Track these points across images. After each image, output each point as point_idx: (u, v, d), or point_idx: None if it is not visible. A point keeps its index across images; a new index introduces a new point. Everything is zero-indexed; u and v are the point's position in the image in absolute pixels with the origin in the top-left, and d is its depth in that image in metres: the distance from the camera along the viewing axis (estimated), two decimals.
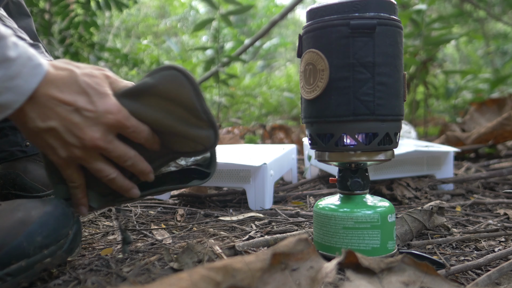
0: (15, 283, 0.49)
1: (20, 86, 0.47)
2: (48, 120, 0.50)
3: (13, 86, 0.46)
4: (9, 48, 0.46)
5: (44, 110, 0.49)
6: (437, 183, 1.10)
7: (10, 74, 0.46)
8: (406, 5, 2.49)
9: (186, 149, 0.56)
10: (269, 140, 2.23)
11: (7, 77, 0.46)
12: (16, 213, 0.52)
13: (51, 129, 0.50)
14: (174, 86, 0.52)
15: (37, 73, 0.48)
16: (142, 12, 5.44)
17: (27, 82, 0.47)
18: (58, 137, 0.51)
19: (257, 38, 3.06)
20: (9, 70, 0.46)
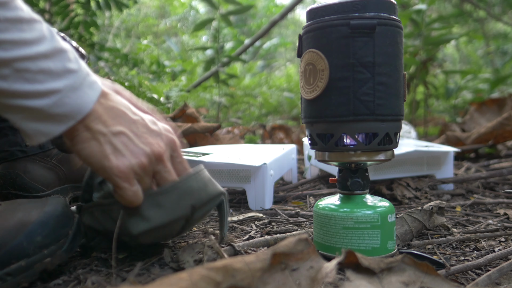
0: (15, 283, 0.49)
1: (82, 98, 0.47)
2: (116, 125, 0.50)
3: (75, 97, 0.47)
4: (71, 61, 0.47)
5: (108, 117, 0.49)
6: (437, 183, 1.10)
7: (72, 85, 0.47)
8: (406, 5, 2.49)
9: None
10: (269, 140, 2.23)
11: (69, 88, 0.46)
12: (16, 213, 0.52)
13: (121, 132, 0.50)
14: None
15: (95, 88, 0.49)
16: (142, 12, 5.44)
17: (88, 94, 0.48)
18: (127, 141, 0.50)
19: (257, 38, 3.06)
20: (72, 81, 0.47)
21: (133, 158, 0.50)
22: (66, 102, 0.46)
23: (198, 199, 0.55)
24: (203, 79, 2.86)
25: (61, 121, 0.47)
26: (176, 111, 1.77)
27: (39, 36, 0.45)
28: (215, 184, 0.60)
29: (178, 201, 0.54)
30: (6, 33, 0.43)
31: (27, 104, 0.45)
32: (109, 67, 3.01)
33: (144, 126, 0.52)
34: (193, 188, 0.55)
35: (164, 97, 2.14)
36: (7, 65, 0.43)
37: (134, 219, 0.53)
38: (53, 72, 0.45)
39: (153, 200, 0.53)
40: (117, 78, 2.07)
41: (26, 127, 0.46)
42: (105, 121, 0.49)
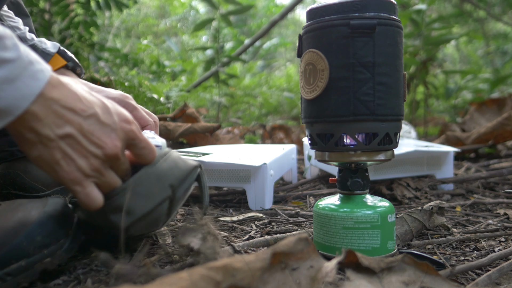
0: (15, 283, 0.49)
1: (20, 90, 0.42)
2: (63, 127, 0.45)
3: (11, 89, 0.42)
4: (7, 49, 0.42)
5: (55, 117, 0.45)
6: (437, 183, 1.10)
7: (8, 76, 0.42)
8: (406, 5, 2.49)
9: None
10: (269, 140, 2.23)
11: (3, 80, 0.42)
12: (16, 213, 0.52)
13: (68, 135, 0.46)
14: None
15: (39, 78, 0.44)
16: (142, 12, 5.44)
17: (28, 86, 0.43)
18: (76, 144, 0.46)
19: (257, 38, 3.06)
20: (6, 72, 0.42)
21: (83, 162, 0.47)
22: (3, 95, 0.42)
23: (174, 178, 0.56)
24: (203, 79, 2.86)
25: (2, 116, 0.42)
26: (176, 111, 1.77)
27: None
28: (187, 161, 0.60)
29: (156, 186, 0.54)
30: None
31: None
32: (109, 67, 3.01)
33: (96, 121, 0.48)
34: (166, 170, 0.56)
35: (164, 97, 2.14)
36: None
37: (119, 214, 0.53)
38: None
39: (130, 192, 0.53)
40: (117, 78, 2.07)
41: None
42: (51, 123, 0.45)
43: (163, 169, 0.56)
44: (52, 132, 0.45)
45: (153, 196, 0.54)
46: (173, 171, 0.57)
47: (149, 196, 0.54)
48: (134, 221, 0.53)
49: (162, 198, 0.55)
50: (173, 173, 0.56)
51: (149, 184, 0.54)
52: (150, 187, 0.54)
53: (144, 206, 0.53)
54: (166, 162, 0.57)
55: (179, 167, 0.58)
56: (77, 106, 0.46)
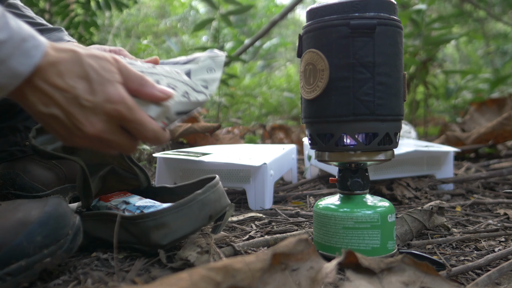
0: (15, 283, 0.49)
1: (12, 69, 0.43)
2: (49, 107, 0.46)
3: (3, 69, 0.43)
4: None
5: (43, 96, 0.46)
6: (437, 183, 1.10)
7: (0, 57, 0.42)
8: (406, 5, 2.49)
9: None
10: (269, 140, 2.23)
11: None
12: (16, 213, 0.52)
13: (54, 116, 0.47)
14: None
15: (33, 55, 0.44)
16: (142, 12, 5.44)
17: (21, 64, 0.43)
18: (62, 125, 0.47)
19: (257, 38, 3.06)
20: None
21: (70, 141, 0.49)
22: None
23: (214, 210, 0.60)
24: None
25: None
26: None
27: None
28: (226, 197, 0.65)
29: (200, 212, 0.59)
30: None
31: None
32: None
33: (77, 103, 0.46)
34: (211, 200, 0.60)
35: None
36: None
37: (163, 231, 0.57)
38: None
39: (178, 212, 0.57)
40: None
41: None
42: (39, 101, 0.46)
43: (210, 199, 0.60)
44: (41, 109, 0.46)
45: (196, 221, 0.58)
46: (215, 204, 0.61)
47: (193, 220, 0.58)
48: (176, 239, 0.58)
49: (201, 224, 0.59)
50: (215, 205, 0.61)
51: (196, 209, 0.58)
52: (196, 212, 0.58)
53: (186, 228, 0.58)
54: (213, 194, 0.61)
55: (221, 202, 0.62)
56: (63, 84, 0.46)
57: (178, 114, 0.55)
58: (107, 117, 0.48)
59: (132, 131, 0.50)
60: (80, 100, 0.46)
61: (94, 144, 0.50)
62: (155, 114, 0.52)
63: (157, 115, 0.53)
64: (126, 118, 0.49)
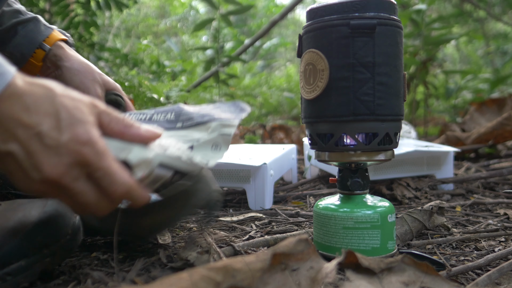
0: (15, 283, 0.49)
1: None
2: (7, 143, 0.40)
3: None
4: None
5: (2, 130, 0.40)
6: (437, 183, 1.10)
7: None
8: (406, 5, 2.49)
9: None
10: (269, 140, 2.23)
11: None
12: (16, 213, 0.52)
13: (11, 154, 0.40)
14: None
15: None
16: (142, 12, 5.44)
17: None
18: (19, 165, 0.41)
19: (257, 38, 3.06)
20: None
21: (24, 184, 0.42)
22: None
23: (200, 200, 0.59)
24: (203, 79, 2.86)
25: None
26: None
27: None
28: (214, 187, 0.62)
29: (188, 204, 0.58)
30: None
31: None
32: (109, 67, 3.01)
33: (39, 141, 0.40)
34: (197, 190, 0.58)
35: (164, 97, 2.14)
36: None
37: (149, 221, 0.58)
38: None
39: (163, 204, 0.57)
40: (117, 78, 2.07)
41: None
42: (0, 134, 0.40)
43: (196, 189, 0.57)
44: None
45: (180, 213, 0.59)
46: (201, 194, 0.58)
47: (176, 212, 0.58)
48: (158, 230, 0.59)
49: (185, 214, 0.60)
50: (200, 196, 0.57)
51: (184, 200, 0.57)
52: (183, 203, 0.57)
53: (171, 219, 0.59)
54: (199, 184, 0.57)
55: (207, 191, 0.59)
56: (26, 120, 0.40)
57: (162, 166, 0.48)
58: (71, 160, 0.41)
59: (99, 182, 0.42)
60: (44, 137, 0.40)
61: (53, 193, 0.43)
62: (136, 159, 0.45)
63: (138, 160, 0.46)
64: (92, 163, 0.42)
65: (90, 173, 0.42)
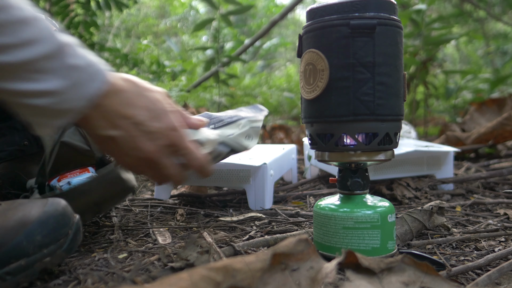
0: (14, 282, 0.49)
1: (86, 92, 0.48)
2: (109, 130, 0.51)
3: (75, 93, 0.47)
4: (75, 56, 0.47)
5: (105, 120, 0.50)
6: (437, 183, 1.10)
7: (77, 81, 0.47)
8: (406, 5, 2.49)
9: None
10: (269, 140, 2.23)
11: (73, 85, 0.47)
12: (16, 212, 0.52)
13: (112, 138, 0.52)
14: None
15: (102, 79, 0.49)
16: (142, 12, 5.44)
17: (93, 88, 0.48)
18: (118, 146, 0.52)
19: (257, 38, 3.06)
20: (76, 78, 0.47)
21: (123, 161, 0.55)
22: (69, 98, 0.47)
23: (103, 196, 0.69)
24: (203, 79, 2.86)
25: (64, 115, 0.48)
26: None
27: (38, 36, 0.45)
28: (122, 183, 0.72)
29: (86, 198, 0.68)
30: (6, 36, 0.43)
31: (32, 102, 0.46)
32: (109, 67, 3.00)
33: (140, 127, 0.52)
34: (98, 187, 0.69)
35: None
36: (12, 67, 0.44)
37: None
38: (55, 70, 0.45)
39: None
40: None
41: (34, 121, 0.48)
42: (103, 124, 0.50)
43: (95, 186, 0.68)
44: (102, 132, 0.51)
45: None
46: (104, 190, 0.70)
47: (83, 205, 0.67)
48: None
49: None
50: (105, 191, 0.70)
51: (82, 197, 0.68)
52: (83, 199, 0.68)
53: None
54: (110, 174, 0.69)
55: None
56: (127, 112, 0.51)
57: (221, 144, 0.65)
58: (162, 142, 0.53)
59: (182, 158, 0.56)
60: (141, 125, 0.52)
61: (143, 167, 0.55)
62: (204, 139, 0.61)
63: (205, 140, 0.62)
64: (178, 144, 0.55)
65: (175, 151, 0.55)
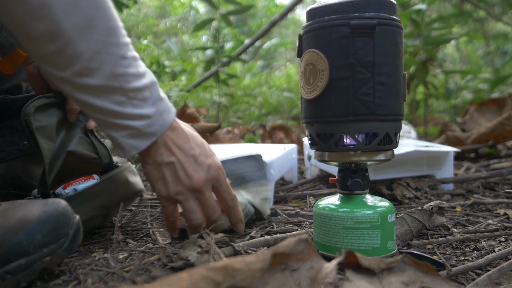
0: (14, 281, 0.49)
1: (164, 120, 0.58)
2: (171, 156, 0.59)
3: (161, 119, 0.57)
4: (160, 90, 0.58)
5: (167, 149, 0.59)
6: (437, 183, 1.10)
7: (161, 109, 0.58)
8: (406, 5, 2.49)
9: None
10: (269, 140, 2.23)
11: (159, 112, 0.57)
12: (16, 212, 0.52)
13: (171, 164, 0.59)
14: None
15: (172, 111, 0.59)
16: (142, 12, 5.44)
17: (168, 118, 0.58)
18: (174, 172, 0.60)
19: (257, 38, 3.06)
20: (162, 107, 0.58)
21: (173, 187, 0.60)
22: (155, 123, 0.57)
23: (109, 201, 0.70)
24: (203, 79, 2.86)
25: (149, 138, 0.57)
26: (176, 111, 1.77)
27: (144, 70, 0.56)
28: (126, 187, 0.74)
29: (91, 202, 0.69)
30: (129, 68, 0.53)
31: (130, 124, 0.55)
32: None
33: (193, 159, 0.61)
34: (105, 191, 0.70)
35: None
36: (124, 93, 0.54)
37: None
38: (151, 99, 0.56)
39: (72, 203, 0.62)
40: None
41: (123, 143, 0.56)
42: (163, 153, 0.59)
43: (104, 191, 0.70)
44: (164, 158, 0.59)
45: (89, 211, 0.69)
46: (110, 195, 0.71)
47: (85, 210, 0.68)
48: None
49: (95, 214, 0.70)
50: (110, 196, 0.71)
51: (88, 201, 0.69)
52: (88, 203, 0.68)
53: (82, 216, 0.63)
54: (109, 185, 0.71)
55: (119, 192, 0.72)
56: (184, 146, 0.60)
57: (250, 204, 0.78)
58: (210, 176, 0.62)
59: (222, 193, 0.65)
60: (196, 159, 0.61)
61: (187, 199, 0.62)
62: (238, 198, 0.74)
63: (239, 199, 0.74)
64: (221, 180, 0.64)
65: (218, 186, 0.64)
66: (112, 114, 0.54)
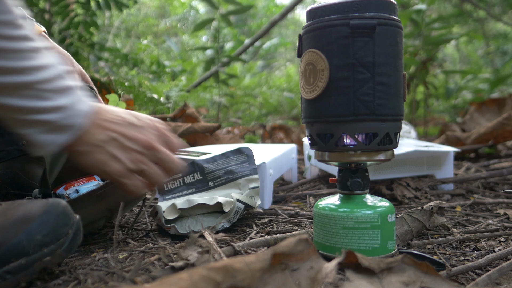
0: (14, 281, 0.49)
1: (82, 110, 0.54)
2: (109, 132, 0.57)
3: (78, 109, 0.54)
4: (70, 79, 0.54)
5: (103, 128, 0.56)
6: (437, 183, 1.10)
7: (76, 100, 0.54)
8: (406, 5, 2.49)
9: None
10: (269, 140, 2.23)
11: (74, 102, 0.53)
12: (16, 212, 0.52)
13: (112, 139, 0.57)
14: None
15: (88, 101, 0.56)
16: (142, 12, 5.44)
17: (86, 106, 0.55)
18: (119, 144, 0.57)
19: (257, 38, 3.06)
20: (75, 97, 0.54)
21: (126, 157, 0.57)
22: (72, 114, 0.53)
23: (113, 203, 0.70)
24: (203, 79, 2.87)
25: (68, 131, 0.53)
26: (176, 111, 1.77)
27: (51, 62, 0.52)
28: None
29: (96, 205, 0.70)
30: (30, 60, 0.49)
31: (43, 118, 0.51)
32: (109, 67, 3.01)
33: (131, 125, 0.59)
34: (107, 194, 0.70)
35: (164, 97, 2.14)
36: (29, 87, 0.50)
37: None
38: (63, 90, 0.52)
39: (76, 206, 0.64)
40: (117, 78, 2.07)
41: (40, 139, 0.52)
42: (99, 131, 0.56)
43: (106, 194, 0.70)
44: (100, 138, 0.56)
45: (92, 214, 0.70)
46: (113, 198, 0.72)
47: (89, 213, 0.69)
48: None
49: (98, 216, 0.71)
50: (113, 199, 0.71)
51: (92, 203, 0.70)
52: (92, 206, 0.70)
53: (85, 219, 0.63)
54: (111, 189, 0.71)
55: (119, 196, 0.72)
56: (116, 119, 0.58)
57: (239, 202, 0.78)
58: (156, 132, 0.60)
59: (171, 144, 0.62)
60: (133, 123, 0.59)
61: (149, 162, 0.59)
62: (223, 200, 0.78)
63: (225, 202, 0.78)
64: (166, 134, 0.62)
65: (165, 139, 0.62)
66: (20, 111, 0.50)
